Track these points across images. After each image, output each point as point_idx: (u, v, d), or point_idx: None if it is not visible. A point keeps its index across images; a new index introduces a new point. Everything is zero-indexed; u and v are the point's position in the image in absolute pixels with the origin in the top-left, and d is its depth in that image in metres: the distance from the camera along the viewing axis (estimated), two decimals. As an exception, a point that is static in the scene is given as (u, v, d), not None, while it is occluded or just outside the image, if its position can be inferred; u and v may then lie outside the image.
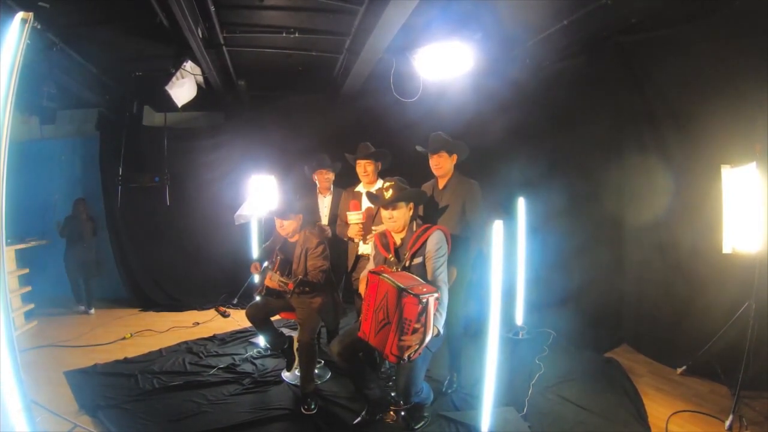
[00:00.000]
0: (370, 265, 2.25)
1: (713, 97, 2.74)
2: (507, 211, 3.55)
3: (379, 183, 2.83)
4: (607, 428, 2.23)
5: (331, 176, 3.17)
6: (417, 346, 1.81)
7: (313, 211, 3.13)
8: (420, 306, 1.76)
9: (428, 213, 2.50)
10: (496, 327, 2.04)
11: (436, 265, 2.03)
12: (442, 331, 1.97)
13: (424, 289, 1.80)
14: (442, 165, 2.49)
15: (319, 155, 3.17)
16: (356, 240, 2.67)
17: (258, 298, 2.79)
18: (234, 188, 4.39)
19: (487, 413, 2.10)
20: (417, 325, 1.77)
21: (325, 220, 3.13)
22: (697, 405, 2.44)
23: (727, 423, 2.19)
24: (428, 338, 1.84)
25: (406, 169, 2.73)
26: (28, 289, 3.92)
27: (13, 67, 1.03)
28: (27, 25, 1.06)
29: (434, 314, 1.86)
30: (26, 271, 3.94)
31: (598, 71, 3.54)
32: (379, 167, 2.87)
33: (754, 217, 2.24)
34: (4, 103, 1.03)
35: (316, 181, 3.18)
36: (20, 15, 1.07)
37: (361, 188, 2.88)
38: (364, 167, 2.81)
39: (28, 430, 1.30)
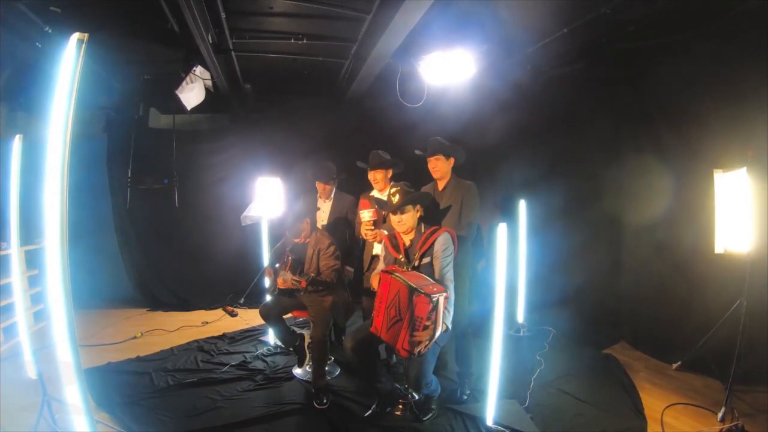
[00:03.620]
0: (381, 265, 2.34)
1: (708, 103, 2.85)
2: (505, 213, 3.66)
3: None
4: (605, 420, 2.33)
5: (329, 187, 3.11)
6: (427, 342, 1.92)
7: (310, 212, 3.10)
8: (431, 305, 1.86)
9: (429, 215, 2.58)
10: (501, 325, 2.14)
11: (443, 265, 2.13)
12: (450, 327, 2.08)
13: (435, 289, 1.91)
14: (439, 168, 2.57)
15: (321, 165, 3.12)
16: (369, 239, 2.69)
17: (269, 297, 2.87)
18: (240, 190, 4.45)
19: (491, 406, 2.22)
20: (428, 323, 1.88)
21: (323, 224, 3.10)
22: (691, 398, 2.55)
23: (720, 415, 2.30)
24: (438, 334, 1.94)
25: (410, 172, 2.81)
26: (38, 290, 3.97)
27: (72, 88, 1.09)
28: (83, 45, 1.12)
29: (443, 312, 1.96)
30: (35, 272, 3.99)
31: (597, 76, 3.65)
32: (390, 174, 2.90)
33: (745, 220, 2.35)
34: (65, 122, 1.09)
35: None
36: (76, 36, 1.13)
37: (375, 194, 2.91)
38: (374, 176, 2.85)
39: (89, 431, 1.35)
